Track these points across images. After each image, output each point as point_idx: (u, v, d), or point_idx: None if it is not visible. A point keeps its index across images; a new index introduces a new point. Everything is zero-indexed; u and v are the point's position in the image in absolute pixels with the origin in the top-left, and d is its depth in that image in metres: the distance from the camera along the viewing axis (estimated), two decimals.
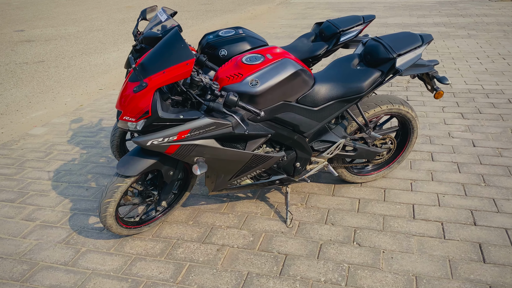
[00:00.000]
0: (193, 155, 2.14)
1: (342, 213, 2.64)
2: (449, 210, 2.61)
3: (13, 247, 2.51)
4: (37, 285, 2.20)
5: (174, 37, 2.02)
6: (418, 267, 2.17)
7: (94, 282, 2.20)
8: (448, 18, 9.01)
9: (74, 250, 2.45)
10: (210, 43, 2.90)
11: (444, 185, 2.87)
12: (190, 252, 2.38)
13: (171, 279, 2.19)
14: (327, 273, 2.17)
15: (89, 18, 11.76)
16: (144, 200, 2.42)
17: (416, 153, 3.33)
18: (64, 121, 4.42)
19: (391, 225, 2.51)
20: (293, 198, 2.82)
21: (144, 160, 2.20)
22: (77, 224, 2.68)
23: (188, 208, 2.78)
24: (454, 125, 3.80)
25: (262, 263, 2.27)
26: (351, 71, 2.44)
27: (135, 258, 2.36)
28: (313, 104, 2.35)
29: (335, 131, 2.57)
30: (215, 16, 11.01)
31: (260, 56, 2.25)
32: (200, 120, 2.06)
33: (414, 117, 2.73)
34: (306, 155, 2.50)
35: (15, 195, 3.05)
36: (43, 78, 6.18)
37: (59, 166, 3.46)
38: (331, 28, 3.07)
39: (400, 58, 2.39)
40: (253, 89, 2.14)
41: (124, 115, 2.04)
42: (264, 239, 2.45)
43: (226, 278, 2.18)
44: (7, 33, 9.83)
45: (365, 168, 2.94)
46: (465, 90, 4.65)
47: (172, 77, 1.96)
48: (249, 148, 2.29)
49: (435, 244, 2.33)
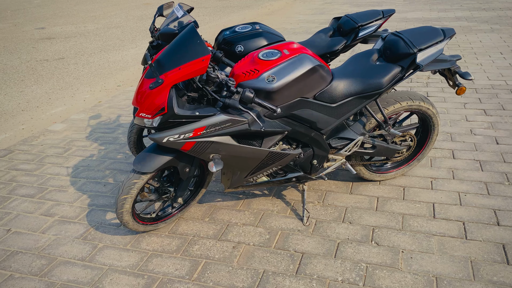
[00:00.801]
0: (209, 152, 2.13)
1: (360, 212, 2.59)
2: (471, 209, 2.54)
3: (32, 241, 2.54)
4: (55, 280, 2.22)
5: (190, 33, 2.01)
6: (439, 268, 2.12)
7: (110, 278, 2.21)
8: (470, 12, 8.79)
9: (91, 245, 2.47)
10: (227, 39, 2.88)
11: (465, 183, 2.80)
12: (206, 249, 2.37)
13: (186, 276, 2.19)
14: (345, 272, 2.13)
15: (107, 15, 11.88)
16: (160, 196, 2.42)
17: (436, 150, 3.25)
18: (83, 117, 4.46)
19: (411, 224, 2.45)
20: (310, 196, 2.78)
21: (160, 157, 2.19)
22: (94, 220, 2.70)
23: (204, 205, 2.78)
24: (476, 122, 3.70)
25: (278, 261, 2.24)
26: (370, 67, 2.39)
27: (151, 254, 2.36)
28: (331, 101, 2.31)
29: (353, 128, 2.52)
30: (232, 12, 10.99)
31: (276, 52, 2.22)
32: (216, 117, 2.04)
33: (435, 114, 2.66)
34: (323, 152, 2.46)
35: (35, 191, 3.09)
36: (62, 74, 6.27)
37: (77, 162, 3.50)
38: (349, 22, 3.01)
39: (420, 53, 2.32)
40: (270, 85, 2.11)
41: (141, 112, 2.03)
42: (280, 237, 2.43)
43: (242, 276, 2.16)
44: (29, 30, 10.00)
45: (384, 165, 2.88)
46: (487, 86, 4.53)
47: (188, 73, 1.95)
48: (265, 145, 2.27)
49: (457, 245, 2.26)
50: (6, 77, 6.29)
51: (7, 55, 7.69)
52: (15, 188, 3.15)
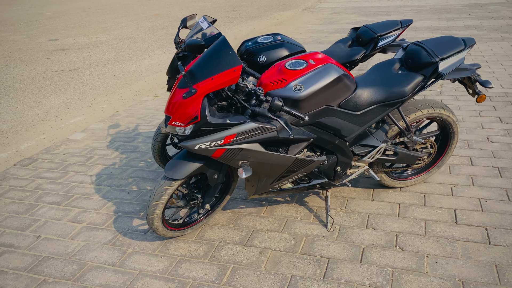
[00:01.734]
0: (238, 158, 2.19)
1: (382, 218, 2.64)
2: (492, 215, 2.57)
3: (62, 247, 2.61)
4: (88, 284, 2.28)
5: (222, 44, 2.08)
6: (464, 272, 2.15)
7: (142, 282, 2.27)
8: (479, 21, 8.85)
9: (120, 251, 2.53)
10: (249, 49, 2.96)
11: (485, 190, 2.84)
12: (233, 255, 2.42)
13: (216, 281, 2.24)
14: (371, 277, 2.18)
15: (118, 26, 12.06)
16: (188, 203, 2.49)
17: (454, 157, 3.29)
18: (102, 127, 4.55)
19: (433, 229, 2.49)
20: (332, 203, 2.83)
21: (190, 163, 2.26)
22: (121, 226, 2.77)
23: (228, 212, 2.83)
24: (492, 129, 3.74)
25: (305, 266, 2.29)
26: (393, 76, 2.45)
27: (179, 259, 2.42)
28: (355, 109, 2.37)
29: (376, 136, 2.58)
30: (241, 23, 11.13)
31: (303, 62, 2.29)
32: (246, 125, 2.10)
33: (455, 121, 2.71)
34: (347, 159, 2.52)
35: (61, 198, 3.17)
36: (79, 85, 6.38)
37: (100, 170, 3.57)
38: (368, 33, 3.09)
39: (442, 62, 2.39)
40: (297, 94, 2.18)
41: (173, 120, 2.10)
42: (305, 242, 2.48)
43: (270, 281, 2.21)
44: (42, 42, 10.18)
45: (404, 172, 2.93)
46: (501, 94, 4.57)
47: (220, 83, 2.02)
48: (291, 152, 2.33)
49: (480, 249, 2.30)
50: (23, 87, 6.41)
51: (23, 66, 7.84)
52: (41, 195, 3.22)
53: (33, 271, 2.42)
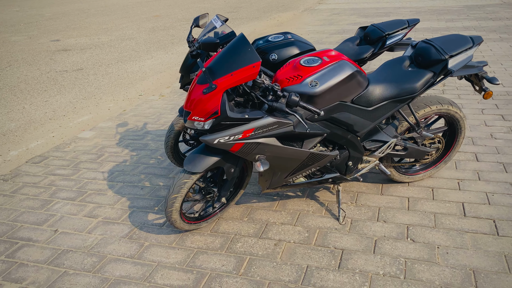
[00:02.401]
0: (255, 152, 2.26)
1: (393, 211, 2.71)
2: (499, 208, 2.65)
3: (80, 241, 2.66)
4: (108, 276, 2.34)
5: (241, 41, 2.15)
6: (475, 262, 2.23)
7: (161, 274, 2.33)
8: (477, 22, 8.97)
9: (138, 244, 2.59)
10: (261, 48, 3.03)
11: (492, 184, 2.91)
12: (249, 246, 2.49)
13: (234, 271, 2.30)
14: (385, 266, 2.25)
15: (119, 27, 12.11)
16: (204, 196, 2.55)
17: (460, 154, 3.37)
18: (110, 125, 4.61)
19: (443, 222, 2.57)
20: (343, 197, 2.90)
21: (209, 157, 2.32)
22: (137, 221, 2.83)
23: (241, 206, 2.90)
24: (496, 126, 3.82)
25: (320, 257, 2.36)
26: (403, 72, 2.53)
27: (196, 251, 2.48)
28: (367, 104, 2.44)
29: (386, 131, 2.65)
30: (241, 24, 11.20)
31: (317, 59, 2.36)
32: (263, 119, 2.17)
33: (462, 117, 2.79)
34: (358, 154, 2.59)
35: (75, 194, 3.22)
36: (84, 85, 6.43)
37: (111, 167, 3.63)
38: (376, 32, 3.16)
39: (452, 59, 2.46)
40: (313, 90, 2.25)
41: (193, 115, 2.17)
42: (319, 235, 2.54)
43: (287, 271, 2.27)
44: (44, 42, 10.22)
45: (413, 167, 3.00)
46: (503, 93, 4.66)
47: (239, 79, 2.09)
48: (305, 147, 2.40)
49: (489, 241, 2.38)
50: (29, 87, 6.45)
51: (26, 66, 7.88)
52: (55, 192, 3.28)
53: (53, 263, 2.48)
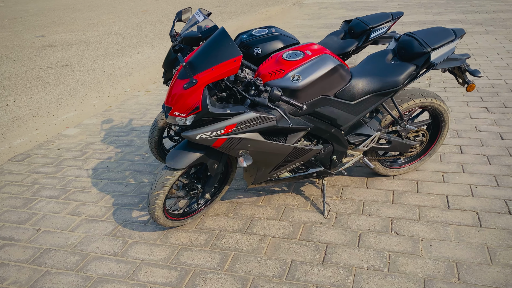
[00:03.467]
0: (238, 148, 2.24)
1: (377, 204, 2.72)
2: (483, 200, 2.67)
3: (63, 239, 2.63)
4: (91, 274, 2.31)
5: (221, 35, 2.12)
6: (457, 254, 2.24)
7: (145, 271, 2.31)
8: (464, 15, 9.01)
9: (121, 241, 2.56)
10: (244, 42, 3.00)
11: (475, 176, 2.93)
12: (233, 242, 2.47)
13: (218, 267, 2.29)
14: (369, 260, 2.25)
15: (106, 23, 11.97)
16: (188, 193, 2.53)
17: (444, 146, 3.39)
18: (95, 122, 4.55)
19: (427, 214, 2.58)
20: (328, 191, 2.90)
21: (191, 153, 2.30)
22: (121, 218, 2.80)
23: (226, 202, 2.88)
24: (480, 119, 3.85)
25: (305, 251, 2.36)
26: (386, 66, 2.52)
27: (181, 248, 2.46)
28: (350, 98, 2.43)
29: (370, 125, 2.65)
30: (229, 18, 11.13)
31: (300, 53, 2.34)
32: (246, 114, 2.15)
33: (446, 110, 2.80)
34: (342, 148, 2.59)
35: (58, 192, 3.18)
36: (69, 81, 6.35)
37: (96, 164, 3.59)
38: (360, 25, 3.15)
39: (434, 52, 2.46)
40: (295, 84, 2.23)
41: (174, 111, 2.14)
42: (303, 229, 2.54)
43: (271, 266, 2.27)
44: (29, 38, 10.06)
45: (397, 161, 3.01)
46: (488, 85, 4.69)
47: (220, 73, 2.06)
48: (289, 142, 2.38)
49: (472, 232, 2.39)
50: (12, 84, 6.35)
51: (10, 63, 7.75)
52: (38, 190, 3.23)
53: (35, 262, 2.44)
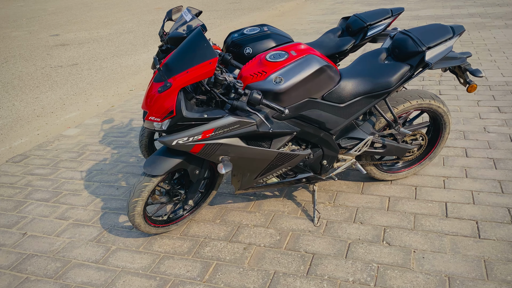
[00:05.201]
0: (218, 154, 2.14)
1: (371, 212, 2.58)
2: (484, 208, 2.50)
3: (47, 245, 2.59)
4: (69, 283, 2.26)
5: (197, 37, 2.03)
6: (451, 268, 2.09)
7: (123, 280, 2.24)
8: (484, 8, 8.67)
9: (104, 248, 2.51)
10: (235, 41, 2.89)
11: (479, 182, 2.76)
12: (217, 251, 2.39)
13: (198, 278, 2.20)
14: (356, 273, 2.12)
15: (120, 20, 12.03)
16: (171, 199, 2.45)
17: (449, 149, 3.21)
18: (96, 122, 4.53)
19: (423, 223, 2.43)
20: (321, 197, 2.78)
21: (170, 159, 2.22)
22: (107, 223, 2.74)
23: (215, 207, 2.79)
24: (490, 119, 3.64)
25: (289, 262, 2.25)
26: (378, 66, 2.38)
27: (163, 256, 2.39)
28: (339, 101, 2.31)
29: (363, 128, 2.51)
30: (243, 15, 11.03)
31: (284, 53, 2.23)
32: (224, 119, 2.05)
33: (446, 112, 2.63)
34: (333, 152, 2.46)
35: (50, 195, 3.15)
36: (76, 80, 6.37)
37: (91, 166, 3.55)
38: (358, 22, 3.00)
39: (429, 51, 2.31)
40: (277, 87, 2.12)
41: (150, 115, 2.06)
42: (291, 238, 2.43)
43: (252, 277, 2.17)
44: (43, 37, 10.19)
45: (395, 165, 2.86)
46: (502, 83, 4.46)
47: (195, 76, 1.97)
48: (274, 146, 2.27)
49: (469, 244, 2.24)
50: (22, 83, 6.41)
51: (22, 62, 7.85)
52: (30, 192, 3.21)
53: (16, 269, 2.41)
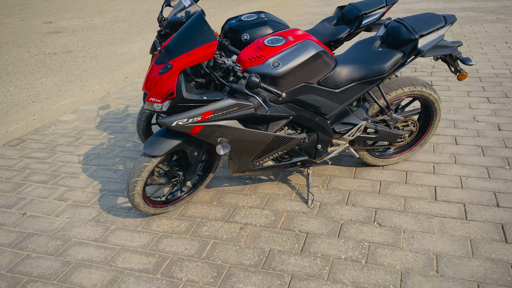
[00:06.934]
0: (217, 135, 2.21)
1: (363, 195, 2.67)
2: (471, 192, 2.60)
3: (47, 224, 2.64)
4: (70, 259, 2.32)
5: (197, 20, 2.08)
6: (439, 247, 2.19)
7: (123, 257, 2.31)
8: (476, 3, 8.76)
9: (104, 227, 2.57)
10: (233, 27, 2.95)
11: (467, 168, 2.86)
12: (214, 230, 2.46)
13: (196, 255, 2.28)
14: (348, 251, 2.21)
15: (114, 9, 11.96)
16: (169, 180, 2.51)
17: (439, 136, 3.31)
18: (92, 108, 4.56)
19: (412, 206, 2.52)
20: (315, 180, 2.86)
21: (170, 140, 2.28)
22: (106, 204, 2.80)
23: (212, 190, 2.86)
24: (480, 109, 3.74)
25: (284, 240, 2.33)
26: (372, 53, 2.45)
27: (161, 235, 2.46)
28: (334, 86, 2.38)
29: (357, 113, 2.59)
30: (238, 5, 11.03)
31: (281, 38, 2.29)
32: (223, 101, 2.11)
33: (437, 99, 2.72)
34: (327, 137, 2.53)
35: (48, 177, 3.20)
36: (71, 67, 6.37)
37: (88, 150, 3.59)
38: (353, 11, 3.07)
39: (422, 39, 2.38)
40: (275, 71, 2.18)
41: (150, 97, 2.11)
42: (285, 218, 2.51)
43: (249, 255, 2.25)
44: (36, 25, 10.11)
45: (387, 151, 2.95)
46: (491, 75, 4.56)
47: (196, 58, 2.02)
48: (271, 130, 2.34)
49: (457, 225, 2.33)
50: (16, 70, 6.40)
51: (16, 48, 7.80)
52: (28, 175, 3.25)
53: (17, 246, 2.46)
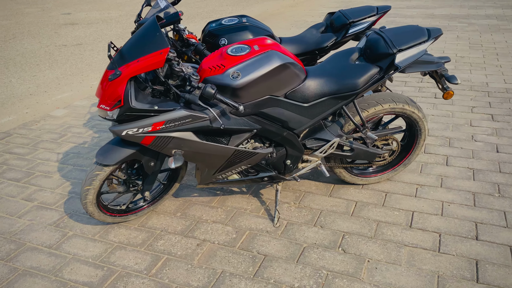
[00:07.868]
0: (171, 147, 2.09)
1: (334, 216, 2.50)
2: (451, 220, 2.40)
3: (7, 225, 2.59)
4: (18, 266, 2.25)
5: (150, 26, 1.96)
6: (402, 281, 2.01)
7: (71, 268, 2.22)
8: (502, 10, 8.36)
9: (61, 233, 2.49)
10: (212, 31, 2.82)
11: (452, 192, 2.65)
12: (170, 245, 2.34)
13: (144, 271, 2.17)
14: (303, 279, 2.06)
15: (133, 2, 12.00)
16: (128, 189, 2.41)
17: (430, 155, 3.10)
18: (84, 104, 4.52)
19: (384, 232, 2.34)
20: (287, 196, 2.70)
21: (123, 149, 2.17)
22: (70, 208, 2.73)
23: (179, 199, 2.75)
24: (481, 127, 3.50)
25: (239, 262, 2.19)
26: (347, 66, 2.28)
27: (116, 246, 2.36)
28: (303, 100, 2.22)
29: (331, 129, 2.43)
30: (255, 3, 10.88)
31: (246, 47, 2.15)
32: (175, 112, 1.99)
33: (421, 118, 2.52)
34: (297, 152, 2.38)
35: (22, 175, 3.15)
36: (76, 60, 6.37)
37: (69, 148, 3.54)
38: (341, 18, 2.89)
39: (400, 53, 2.20)
40: (234, 82, 2.04)
41: (101, 103, 2.01)
42: (247, 237, 2.37)
43: (198, 275, 2.12)
44: (55, 15, 10.23)
45: (367, 169, 2.77)
46: (502, 90, 4.28)
47: (145, 66, 1.91)
48: (232, 143, 2.21)
49: (427, 257, 2.15)
50: (23, 60, 6.45)
51: (29, 39, 7.89)
52: (4, 171, 3.22)
53: None
